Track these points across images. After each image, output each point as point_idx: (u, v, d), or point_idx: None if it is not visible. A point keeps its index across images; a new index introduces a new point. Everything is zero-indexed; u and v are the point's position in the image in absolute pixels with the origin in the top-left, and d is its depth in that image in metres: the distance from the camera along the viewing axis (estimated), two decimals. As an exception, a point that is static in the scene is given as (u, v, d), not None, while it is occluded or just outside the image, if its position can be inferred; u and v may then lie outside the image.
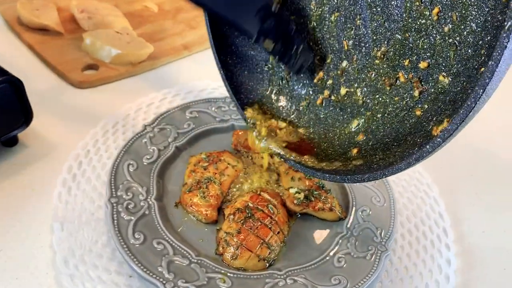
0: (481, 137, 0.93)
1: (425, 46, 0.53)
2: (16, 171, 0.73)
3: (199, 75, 0.99)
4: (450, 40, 0.49)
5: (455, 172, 0.86)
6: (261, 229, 0.64)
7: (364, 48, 0.60)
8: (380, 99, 0.58)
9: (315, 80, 0.67)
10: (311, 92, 0.68)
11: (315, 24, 0.65)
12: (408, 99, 0.55)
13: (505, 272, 0.70)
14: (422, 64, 0.53)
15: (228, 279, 0.60)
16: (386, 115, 0.57)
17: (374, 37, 0.58)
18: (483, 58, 0.45)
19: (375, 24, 0.58)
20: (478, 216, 0.78)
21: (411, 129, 0.53)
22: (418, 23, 0.53)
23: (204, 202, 0.68)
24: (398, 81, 0.56)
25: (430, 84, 0.52)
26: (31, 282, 0.59)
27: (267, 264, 0.63)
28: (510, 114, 1.05)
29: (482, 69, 0.42)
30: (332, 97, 0.65)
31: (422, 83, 0.53)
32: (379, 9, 0.57)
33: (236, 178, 0.73)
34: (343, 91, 0.63)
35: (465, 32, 0.48)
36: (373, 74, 0.59)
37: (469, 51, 0.47)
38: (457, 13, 0.48)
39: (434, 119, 0.49)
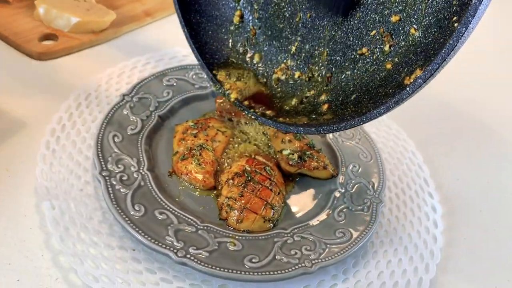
0: (448, 90, 0.99)
1: (397, 0, 0.53)
2: (-16, 152, 0.66)
3: (166, 42, 0.95)
4: None
5: (427, 127, 0.91)
6: (263, 191, 0.64)
7: None
8: (351, 55, 0.59)
9: (281, 40, 0.67)
10: (280, 52, 0.68)
11: None
12: (378, 54, 0.55)
13: (482, 214, 0.76)
14: (394, 18, 0.53)
15: (237, 241, 0.59)
16: (355, 71, 0.57)
17: None
18: (455, 8, 0.46)
19: None
20: (452, 165, 0.84)
21: (382, 81, 0.53)
22: None
23: (200, 169, 0.66)
24: (368, 37, 0.57)
25: (401, 37, 0.53)
26: (27, 267, 0.55)
27: (272, 225, 0.63)
28: (477, 65, 1.11)
29: (455, 18, 0.44)
30: (302, 55, 0.65)
31: (393, 37, 0.54)
32: None
33: (227, 143, 0.72)
34: (310, 48, 0.64)
35: None
36: (343, 32, 0.60)
37: (441, 2, 0.48)
38: None
39: (406, 70, 0.50)
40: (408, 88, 0.46)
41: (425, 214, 0.73)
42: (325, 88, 0.61)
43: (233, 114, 0.77)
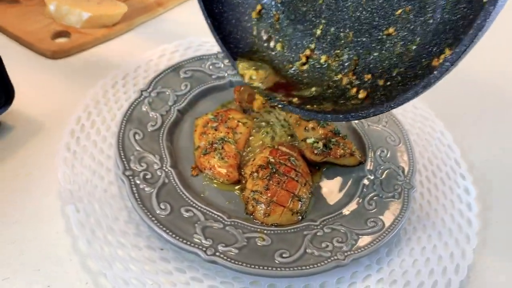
0: (476, 65, 0.94)
1: None
2: (6, 157, 0.65)
3: (180, 32, 0.93)
4: None
5: (455, 105, 0.87)
6: (289, 183, 0.62)
7: None
8: (377, 36, 0.56)
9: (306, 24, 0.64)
10: (305, 36, 0.65)
11: None
12: (405, 33, 0.53)
13: (518, 193, 0.73)
14: None
15: (266, 236, 0.58)
16: (383, 52, 0.55)
17: None
18: None
19: None
20: (484, 144, 0.80)
21: (410, 62, 0.51)
22: None
23: (223, 163, 0.64)
24: (393, 16, 0.54)
25: (428, 15, 0.50)
26: (56, 272, 0.54)
27: (300, 217, 0.61)
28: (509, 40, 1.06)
29: None
30: (328, 38, 0.63)
31: (420, 14, 0.51)
32: None
33: (249, 135, 0.70)
34: (335, 31, 0.61)
35: None
36: (368, 12, 0.57)
37: None
38: None
39: (435, 49, 0.48)
40: (436, 72, 0.44)
41: (458, 196, 0.70)
42: (353, 71, 0.58)
43: (252, 103, 0.75)
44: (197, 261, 0.56)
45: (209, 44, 0.90)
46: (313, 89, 0.62)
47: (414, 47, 0.52)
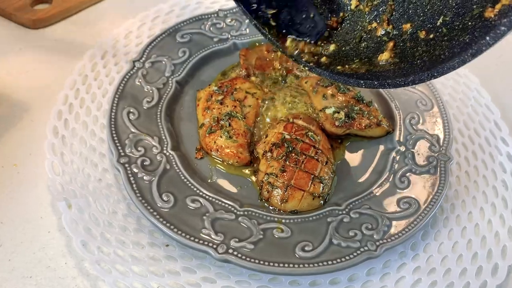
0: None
1: None
2: (-12, 146, 0.58)
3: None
4: None
5: (489, 57, 0.76)
6: (308, 163, 0.54)
7: None
8: None
9: None
10: None
11: None
12: None
13: None
14: None
15: (285, 226, 0.51)
16: None
17: None
18: None
19: None
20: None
21: (459, 8, 0.43)
22: None
23: (232, 143, 0.56)
24: None
25: None
26: (50, 279, 0.48)
27: (323, 201, 0.54)
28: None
29: None
30: None
31: None
32: None
33: (259, 107, 0.61)
34: None
35: None
36: None
37: None
38: None
39: None
40: (488, 38, 0.37)
41: (500, 165, 0.61)
42: (389, 17, 0.50)
43: (261, 68, 0.65)
44: (208, 258, 0.50)
45: (209, 0, 0.79)
46: (351, 39, 0.53)
47: None
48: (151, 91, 0.61)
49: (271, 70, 0.65)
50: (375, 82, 0.45)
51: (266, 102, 0.62)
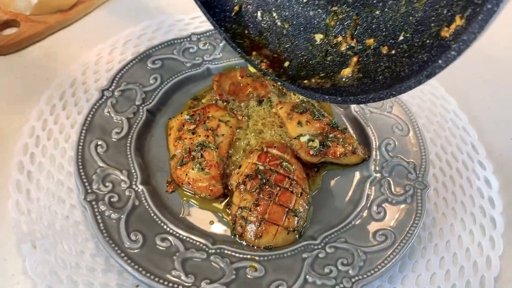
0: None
1: None
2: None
3: (148, 12, 0.80)
4: None
5: (467, 77, 0.76)
6: (282, 195, 0.53)
7: None
8: None
9: None
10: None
11: None
12: None
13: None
14: None
15: (258, 264, 0.49)
16: (386, 10, 0.47)
17: None
18: None
19: None
20: (504, 123, 0.70)
21: (418, 25, 0.44)
22: None
23: (204, 175, 0.54)
24: None
25: None
26: (13, 325, 0.46)
27: (298, 236, 0.52)
28: None
29: None
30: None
31: None
32: None
33: (233, 136, 0.60)
34: None
35: None
36: None
37: None
38: None
39: (445, 12, 0.40)
40: (451, 47, 0.36)
41: (478, 190, 0.61)
42: (354, 32, 0.51)
43: (236, 95, 0.64)
44: (180, 298, 0.48)
45: (183, 22, 0.78)
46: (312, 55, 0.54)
47: (421, 5, 0.44)
48: (120, 121, 0.59)
49: (245, 95, 0.64)
50: (339, 98, 0.47)
51: (240, 130, 0.61)
